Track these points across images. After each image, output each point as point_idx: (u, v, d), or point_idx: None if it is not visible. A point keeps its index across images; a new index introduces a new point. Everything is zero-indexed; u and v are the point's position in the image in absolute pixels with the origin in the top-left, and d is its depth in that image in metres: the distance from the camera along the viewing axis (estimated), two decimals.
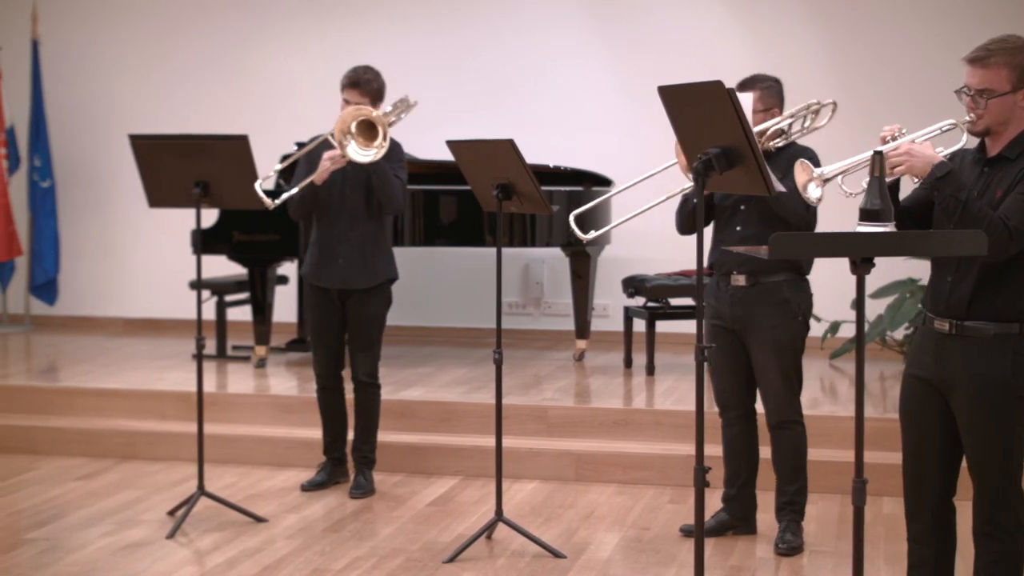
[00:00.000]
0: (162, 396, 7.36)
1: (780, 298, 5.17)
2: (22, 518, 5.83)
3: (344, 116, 5.78)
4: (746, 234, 5.14)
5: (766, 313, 5.16)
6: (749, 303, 5.18)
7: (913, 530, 4.04)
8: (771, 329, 5.16)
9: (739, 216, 5.20)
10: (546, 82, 9.43)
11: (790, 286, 5.19)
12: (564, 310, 9.31)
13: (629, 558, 5.24)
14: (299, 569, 5.05)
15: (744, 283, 5.19)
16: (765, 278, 5.17)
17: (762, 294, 5.17)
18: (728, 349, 5.27)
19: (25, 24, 9.92)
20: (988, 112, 3.75)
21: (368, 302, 6.14)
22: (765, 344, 5.18)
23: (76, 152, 10.20)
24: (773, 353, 5.18)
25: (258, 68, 9.87)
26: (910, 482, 4.00)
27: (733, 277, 5.21)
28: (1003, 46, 3.74)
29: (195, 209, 5.78)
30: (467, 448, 6.66)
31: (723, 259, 5.21)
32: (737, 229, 5.19)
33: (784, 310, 5.17)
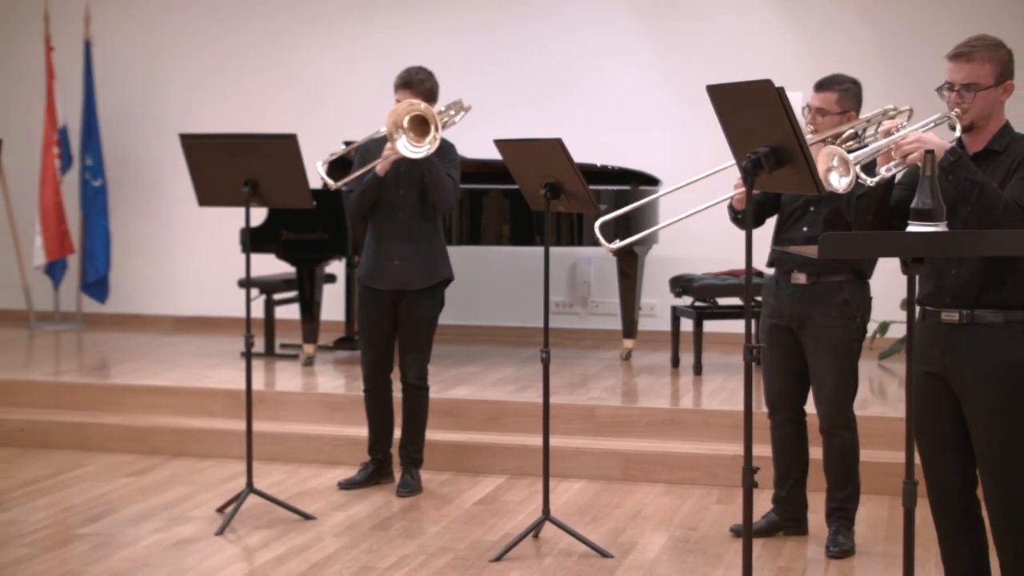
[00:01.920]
0: (211, 394, 7.41)
1: (839, 299, 5.12)
2: (74, 514, 5.89)
3: (398, 109, 5.79)
4: (812, 235, 5.08)
5: (824, 313, 5.12)
6: (808, 302, 5.15)
7: (942, 530, 4.03)
8: (828, 329, 5.12)
9: (807, 217, 5.16)
10: (594, 81, 9.42)
11: (850, 287, 5.14)
12: (611, 309, 9.30)
13: (676, 558, 5.23)
14: (347, 567, 5.07)
15: (804, 281, 5.15)
16: (826, 278, 5.13)
17: (822, 294, 5.13)
18: (783, 349, 5.24)
19: (78, 25, 10.01)
20: (974, 106, 3.90)
21: (421, 304, 6.15)
22: (821, 344, 5.14)
23: (127, 151, 10.29)
24: (829, 354, 5.13)
25: (307, 68, 9.92)
26: (931, 481, 4.01)
27: (794, 275, 5.18)
28: (984, 42, 3.92)
29: (244, 208, 5.81)
30: (514, 447, 6.67)
31: (784, 257, 5.17)
32: (804, 230, 5.15)
33: (843, 311, 5.12)
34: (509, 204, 8.00)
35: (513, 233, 8.10)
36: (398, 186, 6.07)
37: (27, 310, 10.26)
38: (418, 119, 5.80)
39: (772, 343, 5.26)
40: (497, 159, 5.70)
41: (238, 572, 5.04)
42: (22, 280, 10.21)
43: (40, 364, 8.73)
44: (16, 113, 10.25)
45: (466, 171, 6.66)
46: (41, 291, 10.27)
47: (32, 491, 6.29)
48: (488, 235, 8.11)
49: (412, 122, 5.80)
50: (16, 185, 10.10)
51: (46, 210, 9.93)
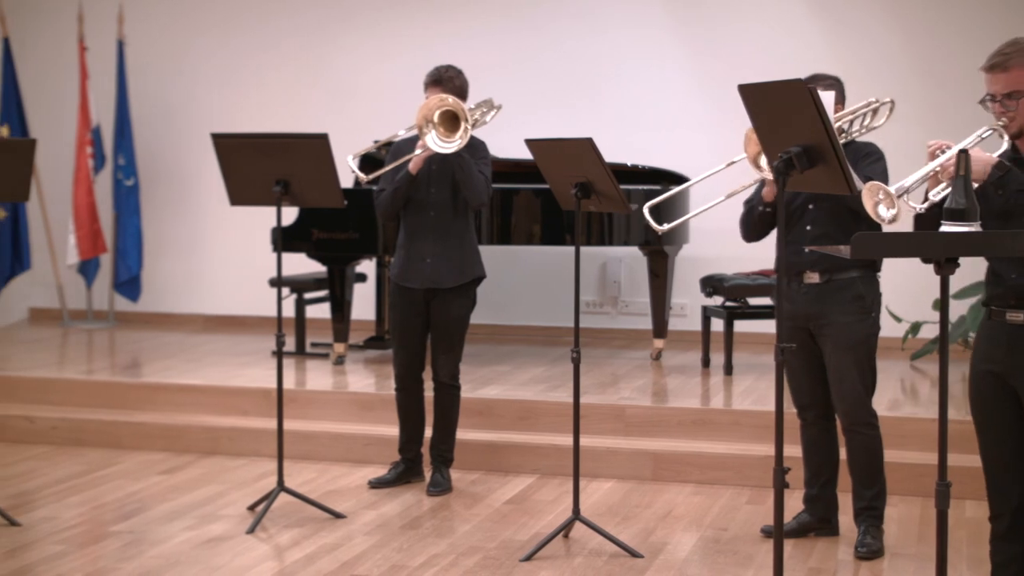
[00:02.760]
0: (242, 392, 7.43)
1: (854, 294, 5.11)
2: (107, 511, 5.93)
3: (428, 104, 5.80)
4: (817, 233, 5.09)
5: (840, 310, 5.10)
6: (823, 300, 5.13)
7: (997, 528, 4.00)
8: (845, 326, 5.10)
9: (808, 215, 5.15)
10: (625, 80, 9.41)
11: (863, 282, 5.13)
12: (642, 309, 9.28)
13: (707, 558, 5.22)
14: (377, 565, 5.09)
15: (818, 280, 5.13)
16: (839, 274, 5.11)
17: (836, 290, 5.11)
18: (804, 349, 5.21)
19: (111, 25, 10.07)
20: (1019, 113, 3.89)
21: (453, 302, 6.16)
22: (839, 342, 5.12)
23: (159, 151, 10.34)
24: (847, 351, 5.11)
25: (339, 67, 9.94)
26: (991, 480, 3.99)
27: (806, 275, 5.15)
28: (1016, 47, 3.90)
29: (276, 207, 5.83)
30: (544, 446, 6.67)
31: (793, 260, 5.15)
32: (808, 228, 5.13)
33: (858, 306, 5.11)
34: (540, 204, 7.99)
35: (544, 233, 8.10)
36: (429, 184, 6.08)
37: (60, 308, 10.33)
38: (448, 114, 5.81)
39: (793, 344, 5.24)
40: (528, 159, 5.70)
41: (269, 570, 5.06)
42: (56, 279, 10.28)
43: (73, 362, 8.79)
44: (50, 113, 10.30)
45: (497, 171, 6.68)
46: (74, 290, 10.34)
47: (65, 489, 6.33)
48: (519, 235, 8.11)
49: (442, 117, 5.81)
50: (50, 184, 10.16)
51: (79, 209, 9.99)
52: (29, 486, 6.37)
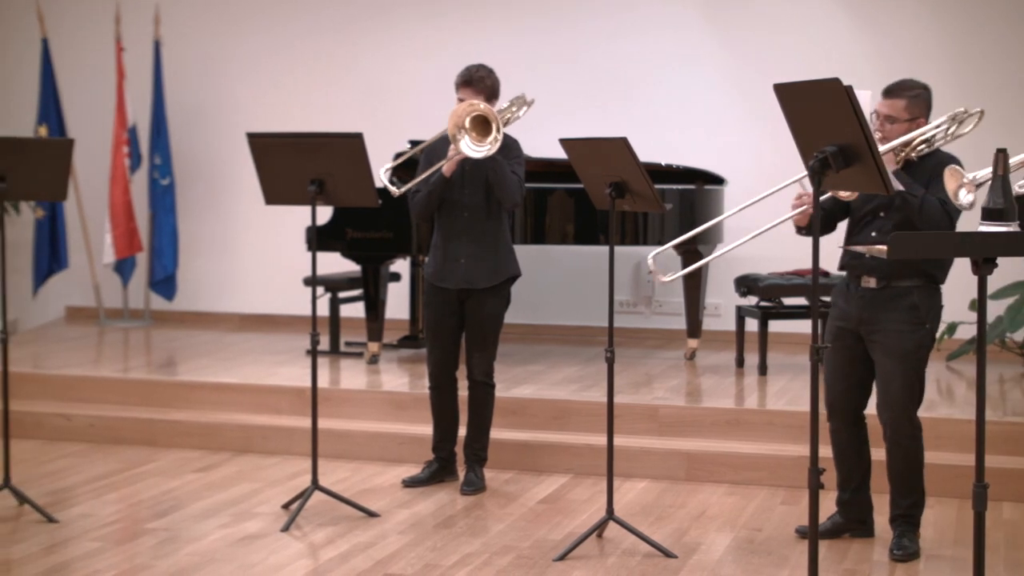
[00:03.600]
0: (277, 391, 7.46)
1: (909, 303, 5.05)
2: (142, 508, 5.96)
3: (458, 111, 5.80)
4: (880, 241, 5.01)
5: (893, 318, 5.05)
6: (877, 306, 5.08)
7: None
8: (896, 334, 5.05)
9: (876, 223, 5.10)
10: (659, 79, 9.39)
11: (920, 292, 5.06)
12: (675, 309, 9.26)
13: (741, 559, 5.20)
14: (411, 564, 5.10)
15: (874, 285, 5.08)
16: (896, 282, 5.06)
17: (891, 298, 5.06)
18: (847, 353, 5.18)
19: (148, 26, 10.12)
20: None
21: (487, 301, 6.16)
22: (889, 350, 5.06)
23: (195, 150, 10.39)
24: (895, 359, 5.06)
25: (373, 66, 9.96)
26: None
27: (864, 279, 5.11)
28: None
29: (310, 206, 5.85)
30: (578, 446, 6.66)
31: (854, 262, 5.12)
32: (872, 235, 5.08)
33: (911, 316, 5.05)
34: (574, 203, 7.99)
35: (577, 232, 8.09)
36: (463, 185, 6.09)
37: (97, 307, 10.39)
38: (479, 118, 5.81)
39: (836, 345, 5.21)
40: (562, 158, 5.70)
41: (303, 568, 5.08)
42: (92, 277, 10.35)
43: (109, 361, 8.84)
44: (88, 113, 10.37)
45: (531, 170, 6.69)
46: (111, 288, 10.40)
47: (102, 486, 6.37)
48: (552, 234, 8.11)
49: (473, 122, 5.81)
50: (87, 184, 10.22)
51: (116, 208, 10.05)
52: (66, 483, 6.42)
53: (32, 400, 7.61)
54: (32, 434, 7.36)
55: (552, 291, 9.62)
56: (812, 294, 4.00)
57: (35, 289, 10.27)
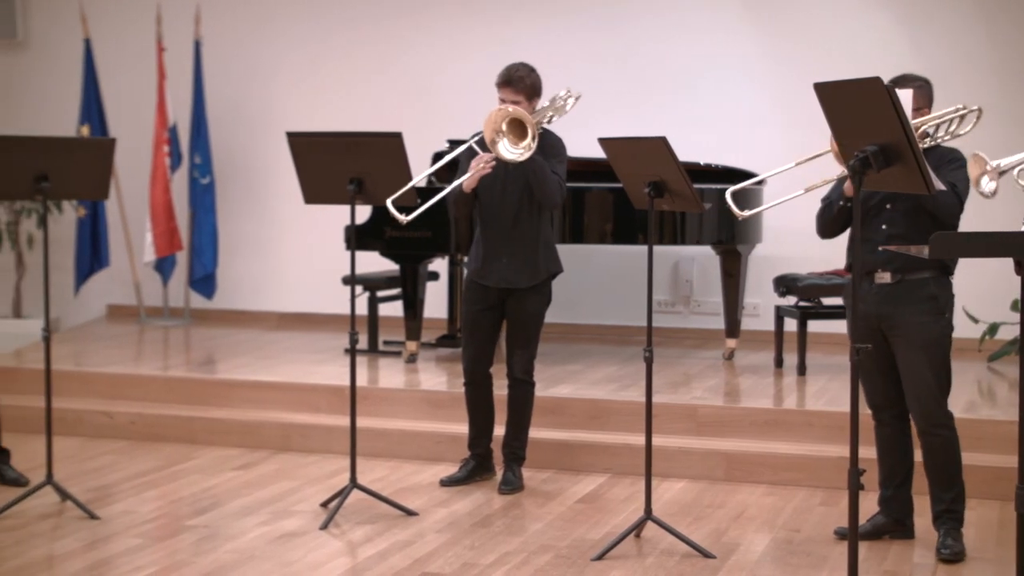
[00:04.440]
0: (316, 390, 7.49)
1: (927, 295, 5.04)
2: (182, 505, 6.00)
3: (493, 117, 5.77)
4: (892, 232, 5.02)
5: (913, 311, 5.03)
6: (895, 301, 5.06)
7: None
8: (918, 326, 5.03)
9: (884, 215, 5.08)
10: (699, 78, 9.36)
11: (936, 283, 5.05)
12: (714, 308, 9.24)
13: (780, 560, 5.18)
14: (449, 563, 5.11)
15: (889, 280, 5.06)
16: (911, 275, 5.04)
17: (908, 291, 5.04)
18: (877, 350, 5.14)
19: (188, 26, 10.18)
20: None
21: (529, 299, 6.16)
22: (912, 343, 5.05)
23: (235, 149, 10.44)
24: (921, 352, 5.04)
25: (413, 66, 9.98)
26: None
27: (878, 275, 5.09)
28: None
29: (350, 206, 5.87)
30: (616, 446, 6.66)
31: (866, 258, 5.09)
32: (883, 228, 5.07)
33: (931, 307, 5.04)
34: (612, 203, 7.98)
35: (616, 232, 8.08)
36: (504, 184, 6.09)
37: (137, 306, 10.46)
38: (516, 121, 5.79)
39: None
40: (601, 157, 5.69)
41: (341, 566, 5.10)
42: (133, 276, 10.42)
43: (150, 359, 8.90)
44: (129, 113, 10.44)
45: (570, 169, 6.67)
46: (151, 287, 10.47)
47: (142, 483, 6.42)
48: (591, 234, 8.10)
49: (510, 125, 5.79)
50: (128, 183, 10.29)
51: (156, 207, 10.11)
52: (108, 480, 6.47)
53: (74, 398, 7.67)
54: (74, 431, 7.42)
55: (590, 290, 9.61)
56: (853, 294, 3.98)
57: (77, 287, 10.34)
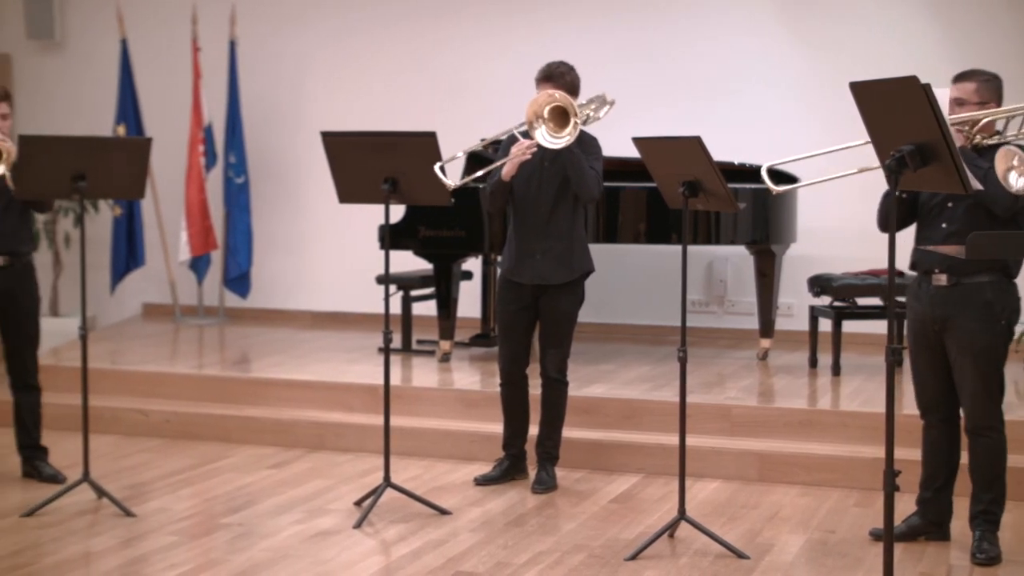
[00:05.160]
0: (350, 388, 7.51)
1: (982, 300, 4.97)
2: (217, 503, 6.03)
3: (538, 99, 5.77)
4: (951, 231, 4.97)
5: (967, 315, 4.98)
6: (949, 304, 5.01)
7: None
8: (969, 333, 4.98)
9: (946, 213, 5.03)
10: (733, 78, 9.33)
11: (994, 288, 4.98)
12: (748, 308, 9.21)
13: (814, 561, 5.16)
14: (482, 562, 5.11)
15: (945, 283, 5.01)
16: (967, 278, 4.98)
17: (963, 295, 4.99)
18: (930, 352, 5.11)
19: (224, 26, 10.23)
20: None
21: (562, 298, 6.16)
22: (964, 348, 4.99)
23: (269, 149, 10.48)
24: (972, 357, 4.98)
25: (447, 65, 9.99)
26: None
27: (935, 276, 5.05)
28: None
29: (384, 205, 5.88)
30: (650, 445, 6.65)
31: (924, 257, 5.05)
32: (943, 227, 5.02)
33: (986, 313, 4.97)
34: (646, 202, 7.97)
35: (650, 231, 8.06)
36: (540, 180, 6.09)
37: (173, 304, 10.52)
38: (558, 110, 5.79)
39: (919, 345, 5.15)
40: (635, 157, 5.68)
41: (375, 565, 5.11)
42: (168, 275, 10.47)
43: (184, 357, 8.94)
44: (164, 112, 10.49)
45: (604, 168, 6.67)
46: (186, 286, 10.52)
47: (177, 481, 6.45)
48: (625, 233, 8.09)
49: (551, 113, 5.79)
50: (163, 182, 10.34)
51: (191, 206, 10.16)
52: (143, 477, 6.51)
53: (110, 396, 7.72)
54: (110, 429, 7.47)
55: (624, 290, 9.60)
56: (889, 295, 3.95)
57: (113, 286, 10.41)
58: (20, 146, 5.78)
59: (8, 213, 6.18)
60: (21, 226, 6.28)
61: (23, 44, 11.01)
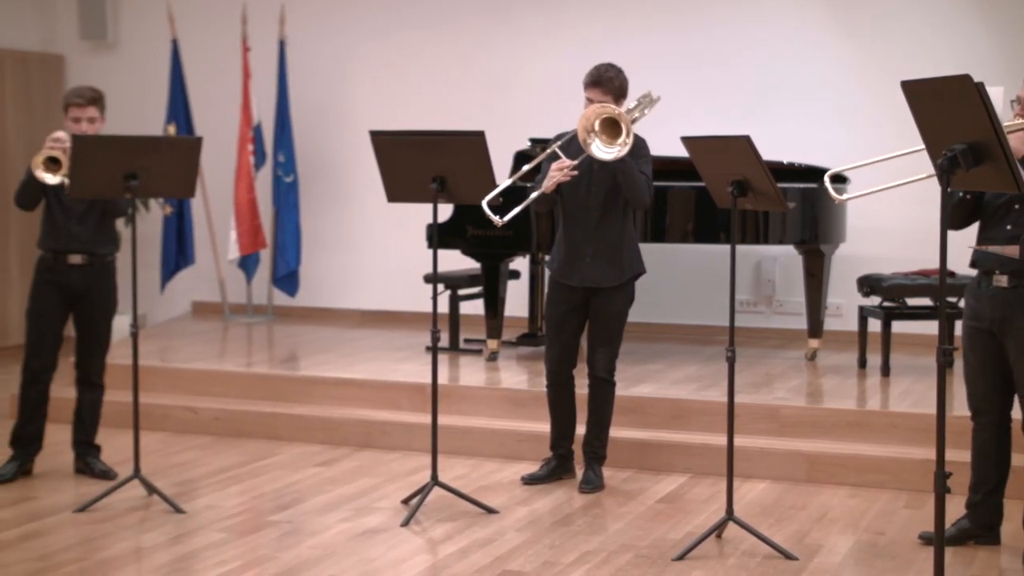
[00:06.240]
0: (397, 387, 7.53)
1: None
2: (265, 501, 6.06)
3: (587, 114, 5.76)
4: (1016, 233, 4.89)
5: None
6: (1009, 305, 4.94)
7: None
8: None
9: (1012, 215, 4.95)
10: (782, 77, 9.28)
11: None
12: (796, 308, 9.15)
13: (863, 563, 5.13)
14: (529, 561, 5.11)
15: (1006, 284, 4.94)
16: None
17: (1022, 297, 4.94)
18: (984, 352, 5.05)
19: (273, 25, 10.28)
20: None
21: (614, 298, 6.15)
22: (1021, 351, 4.92)
23: (318, 148, 10.52)
24: None
25: (495, 65, 10.00)
26: None
27: (995, 277, 4.98)
28: None
29: (432, 204, 5.89)
30: (697, 445, 6.63)
31: (986, 258, 4.99)
32: (1007, 228, 4.95)
33: None
34: (694, 201, 7.94)
35: (698, 231, 8.04)
36: (589, 183, 6.08)
37: (222, 303, 10.58)
38: (609, 120, 5.77)
39: (973, 345, 5.10)
40: (683, 156, 5.67)
41: (422, 563, 5.12)
42: (217, 273, 10.54)
43: (233, 355, 9.00)
44: (214, 112, 10.55)
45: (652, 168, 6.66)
46: (235, 284, 10.59)
47: (226, 478, 6.49)
48: (673, 232, 8.07)
49: (603, 124, 5.77)
50: (213, 181, 10.40)
51: (240, 205, 10.22)
52: (192, 474, 6.56)
53: (159, 393, 7.78)
54: (160, 426, 7.53)
55: (672, 290, 9.57)
56: (940, 295, 3.92)
57: (163, 284, 10.48)
58: (73, 146, 5.84)
59: (88, 215, 6.29)
60: (101, 228, 6.37)
61: (77, 45, 11.14)
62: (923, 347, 8.39)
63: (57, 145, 5.96)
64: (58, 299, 6.33)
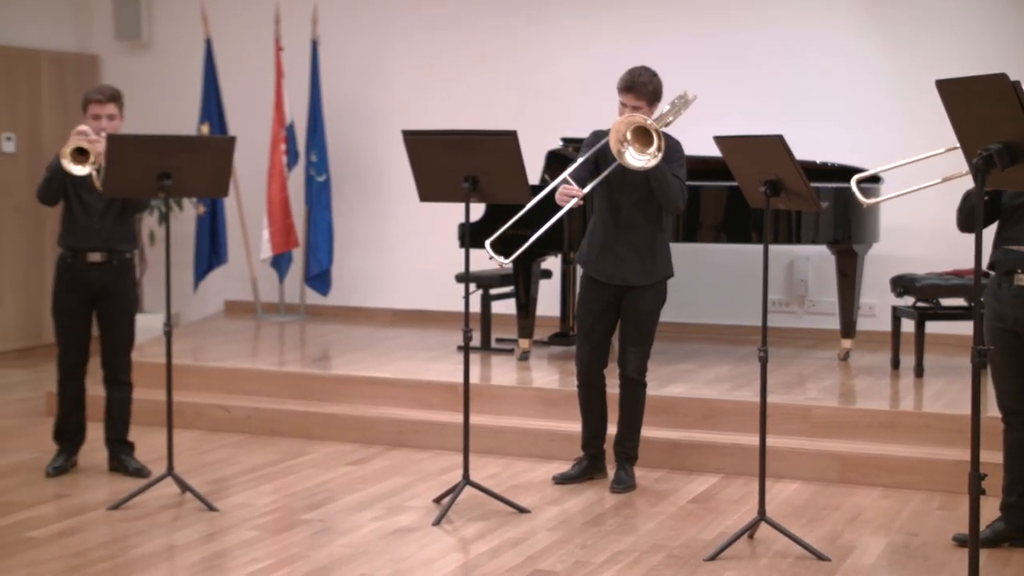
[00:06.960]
0: (429, 386, 7.55)
1: None
2: (297, 499, 6.09)
3: (618, 126, 5.72)
4: None
5: None
6: None
7: None
8: None
9: None
10: (816, 76, 9.25)
11: None
12: (829, 308, 9.12)
13: (896, 564, 5.11)
14: (561, 561, 5.11)
15: None
16: None
17: None
18: (1009, 352, 5.04)
19: (306, 26, 10.31)
20: None
21: (644, 297, 6.14)
22: None
23: (350, 148, 10.55)
24: None
25: (527, 64, 10.00)
26: None
27: (1016, 277, 4.97)
28: None
29: (464, 203, 5.90)
30: (729, 446, 6.61)
31: (1005, 258, 4.98)
32: None
33: None
34: (727, 201, 7.92)
35: (730, 230, 8.02)
36: (622, 183, 6.06)
37: (254, 301, 10.62)
38: (640, 128, 5.74)
39: (998, 346, 5.07)
40: (716, 156, 5.65)
41: (454, 562, 5.13)
42: (250, 272, 10.58)
43: (266, 354, 9.03)
44: (247, 111, 10.60)
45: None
46: (267, 283, 10.63)
47: (259, 476, 6.52)
48: (705, 232, 8.05)
49: (635, 132, 5.75)
50: (246, 180, 10.44)
51: (273, 204, 10.26)
52: (226, 472, 6.59)
53: (192, 391, 7.81)
54: (193, 424, 7.57)
55: (704, 290, 9.55)
56: (975, 295, 3.90)
57: (196, 283, 10.53)
58: (107, 145, 5.87)
59: (108, 212, 6.32)
60: (121, 224, 6.41)
61: (111, 45, 11.20)
62: (957, 348, 8.34)
63: (83, 137, 6.00)
64: (79, 296, 6.38)
